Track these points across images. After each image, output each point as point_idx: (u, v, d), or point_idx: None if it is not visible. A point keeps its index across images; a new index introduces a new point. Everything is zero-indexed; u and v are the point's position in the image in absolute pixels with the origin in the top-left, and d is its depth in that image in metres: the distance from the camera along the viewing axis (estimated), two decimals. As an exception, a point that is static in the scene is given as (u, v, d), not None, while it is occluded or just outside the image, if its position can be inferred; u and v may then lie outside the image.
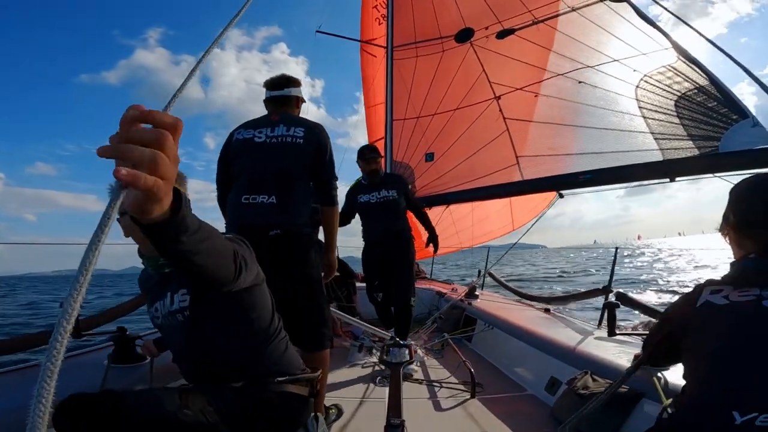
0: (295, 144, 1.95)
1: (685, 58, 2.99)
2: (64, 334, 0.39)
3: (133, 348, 1.72)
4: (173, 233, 0.69)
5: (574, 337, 2.34)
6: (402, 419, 1.57)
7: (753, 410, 0.78)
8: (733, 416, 0.79)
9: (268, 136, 1.96)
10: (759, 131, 2.54)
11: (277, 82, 2.12)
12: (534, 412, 2.00)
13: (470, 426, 1.89)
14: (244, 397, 1.19)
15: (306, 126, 2.00)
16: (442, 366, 2.74)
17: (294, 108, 2.15)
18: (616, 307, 2.08)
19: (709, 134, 2.76)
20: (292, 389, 1.29)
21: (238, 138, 1.99)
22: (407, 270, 3.15)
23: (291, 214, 1.87)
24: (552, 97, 3.77)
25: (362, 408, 2.08)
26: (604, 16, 3.48)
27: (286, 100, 2.12)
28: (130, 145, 0.47)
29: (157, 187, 0.50)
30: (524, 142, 3.99)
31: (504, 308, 3.32)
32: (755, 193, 0.98)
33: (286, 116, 2.04)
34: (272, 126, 1.98)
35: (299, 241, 1.87)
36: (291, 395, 1.28)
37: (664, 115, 3.04)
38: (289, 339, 1.38)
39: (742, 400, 0.80)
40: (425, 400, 2.20)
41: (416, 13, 4.88)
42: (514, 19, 4.05)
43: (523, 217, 5.69)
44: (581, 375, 1.83)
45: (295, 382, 1.31)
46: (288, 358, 1.34)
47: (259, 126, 2.00)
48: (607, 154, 3.30)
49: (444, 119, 4.63)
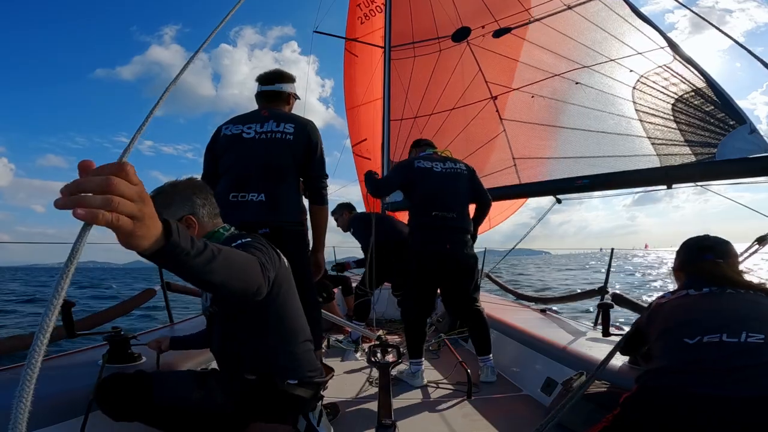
0: (285, 140, 1.92)
1: (681, 57, 2.98)
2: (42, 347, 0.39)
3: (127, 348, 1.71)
4: (171, 258, 0.74)
5: (570, 338, 2.35)
6: (393, 420, 1.57)
7: (697, 335, 1.18)
8: (685, 342, 1.19)
9: (258, 131, 1.93)
10: (756, 138, 2.52)
11: (269, 77, 2.10)
12: (530, 412, 2.01)
13: (466, 426, 1.89)
14: (254, 389, 1.31)
15: (296, 122, 1.98)
16: (438, 367, 2.74)
17: (285, 104, 2.12)
18: (610, 308, 2.09)
19: (706, 140, 2.74)
20: (299, 392, 1.37)
21: (226, 133, 1.97)
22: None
23: (279, 212, 1.86)
24: (549, 99, 3.78)
25: (357, 408, 2.07)
26: (600, 13, 3.47)
27: (277, 96, 2.10)
28: (81, 195, 0.52)
29: (120, 222, 0.55)
30: (521, 143, 4.00)
31: (500, 309, 3.32)
32: (685, 246, 1.56)
33: (275, 112, 2.01)
34: (262, 122, 1.96)
35: (288, 238, 1.85)
36: (295, 396, 1.36)
37: (661, 119, 3.03)
38: (309, 338, 1.49)
39: (688, 332, 1.21)
40: (421, 401, 2.19)
41: (414, 13, 4.88)
42: (511, 17, 4.05)
43: (498, 216, 5.69)
44: (577, 375, 1.83)
45: (304, 385, 1.39)
46: (302, 360, 1.42)
47: (248, 121, 1.97)
48: (605, 158, 3.30)
49: (441, 119, 4.63)
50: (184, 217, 1.33)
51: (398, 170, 2.67)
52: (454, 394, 2.26)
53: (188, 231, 1.12)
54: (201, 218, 1.36)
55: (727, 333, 1.15)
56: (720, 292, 1.32)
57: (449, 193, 2.52)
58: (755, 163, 2.49)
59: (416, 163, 2.56)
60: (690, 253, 1.53)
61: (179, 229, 0.74)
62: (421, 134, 4.56)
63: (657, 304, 1.45)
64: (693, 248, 1.53)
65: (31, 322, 8.82)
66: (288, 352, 1.39)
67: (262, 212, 1.83)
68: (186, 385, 1.31)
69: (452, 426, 1.89)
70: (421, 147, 2.79)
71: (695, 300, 1.34)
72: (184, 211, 1.34)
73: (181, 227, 0.75)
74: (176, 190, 1.37)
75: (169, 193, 1.36)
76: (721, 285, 1.34)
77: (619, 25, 3.36)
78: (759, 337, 1.13)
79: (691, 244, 1.56)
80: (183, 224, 1.24)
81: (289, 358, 1.39)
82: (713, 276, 1.38)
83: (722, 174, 2.65)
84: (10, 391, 0.43)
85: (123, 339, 1.69)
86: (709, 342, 1.16)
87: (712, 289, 1.34)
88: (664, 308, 1.40)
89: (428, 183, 2.51)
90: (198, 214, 1.35)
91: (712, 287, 1.34)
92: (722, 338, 1.15)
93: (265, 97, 2.09)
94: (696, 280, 1.40)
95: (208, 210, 1.39)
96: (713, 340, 1.15)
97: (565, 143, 3.60)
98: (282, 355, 1.38)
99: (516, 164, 3.99)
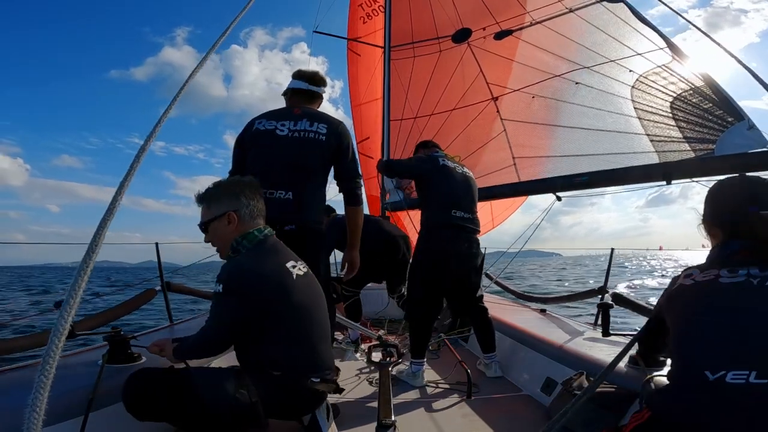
0: (318, 140, 1.94)
1: (680, 58, 2.99)
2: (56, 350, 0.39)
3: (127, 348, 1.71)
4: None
5: (570, 337, 2.35)
6: (393, 419, 1.57)
7: (721, 369, 0.93)
8: (706, 375, 0.95)
9: (291, 129, 1.94)
10: (754, 134, 2.54)
11: (315, 78, 2.12)
12: (530, 412, 2.01)
13: (466, 426, 1.89)
14: (282, 386, 1.40)
15: (329, 122, 1.99)
16: (439, 366, 2.75)
17: (316, 106, 2.15)
18: (609, 308, 2.09)
19: (704, 137, 2.77)
20: (321, 387, 1.46)
21: (259, 128, 1.97)
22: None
23: (306, 211, 1.89)
24: (549, 99, 3.78)
25: (357, 408, 2.08)
26: (602, 16, 3.49)
27: (316, 97, 2.13)
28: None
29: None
30: (521, 143, 4.00)
31: (500, 309, 3.32)
32: (721, 191, 1.20)
33: (309, 111, 2.03)
34: (295, 120, 1.97)
35: (312, 236, 1.89)
36: (317, 391, 1.46)
37: (659, 116, 3.04)
38: (329, 339, 1.62)
39: (710, 362, 0.96)
40: (421, 401, 2.20)
41: (413, 13, 4.88)
42: (512, 20, 4.05)
43: (502, 214, 5.71)
44: (577, 375, 1.84)
45: (324, 382, 1.48)
46: (322, 359, 1.51)
47: (281, 118, 1.98)
48: (604, 156, 3.31)
49: (441, 119, 4.63)
50: (227, 213, 1.48)
51: (422, 160, 2.67)
52: (454, 394, 2.27)
53: (229, 225, 1.48)
54: (242, 216, 1.50)
55: (757, 371, 0.91)
56: (760, 283, 0.99)
57: (467, 194, 2.59)
58: (753, 158, 2.51)
59: (441, 160, 2.60)
60: (730, 199, 1.16)
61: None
62: (421, 135, 4.56)
63: (681, 285, 1.13)
64: (732, 194, 1.17)
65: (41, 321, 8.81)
66: (307, 353, 1.47)
67: (289, 210, 1.85)
68: (225, 381, 1.35)
69: (452, 426, 1.90)
70: (431, 148, 2.82)
71: (725, 296, 1.02)
72: (227, 207, 1.50)
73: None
74: (221, 190, 1.54)
75: (216, 191, 1.54)
76: (765, 265, 1.02)
77: (620, 27, 3.37)
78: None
79: (728, 186, 1.19)
80: (225, 219, 1.48)
81: (310, 357, 1.47)
82: (758, 244, 1.05)
83: (721, 169, 2.66)
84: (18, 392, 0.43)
85: (123, 339, 1.69)
86: (733, 384, 0.92)
87: (750, 272, 1.01)
88: (685, 294, 1.10)
89: (450, 182, 2.55)
90: (240, 212, 1.50)
91: (750, 269, 1.02)
92: (749, 380, 0.91)
93: (306, 96, 2.11)
94: (733, 250, 1.08)
95: (251, 210, 1.52)
96: (738, 381, 0.91)
97: (564, 142, 3.61)
98: (303, 355, 1.46)
99: (516, 163, 4.00)
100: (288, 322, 1.42)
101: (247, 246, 1.48)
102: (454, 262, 2.49)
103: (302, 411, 1.50)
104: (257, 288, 1.38)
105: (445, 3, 4.58)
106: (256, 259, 1.44)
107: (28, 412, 0.38)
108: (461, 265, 2.52)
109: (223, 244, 1.52)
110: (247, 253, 1.47)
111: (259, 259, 1.45)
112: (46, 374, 0.40)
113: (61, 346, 0.41)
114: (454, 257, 2.48)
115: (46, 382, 0.40)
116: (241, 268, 1.41)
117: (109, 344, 1.67)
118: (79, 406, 1.29)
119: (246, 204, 1.51)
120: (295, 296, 1.43)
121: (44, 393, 0.39)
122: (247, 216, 1.51)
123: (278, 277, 1.42)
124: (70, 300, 0.41)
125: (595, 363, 1.88)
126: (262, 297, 1.38)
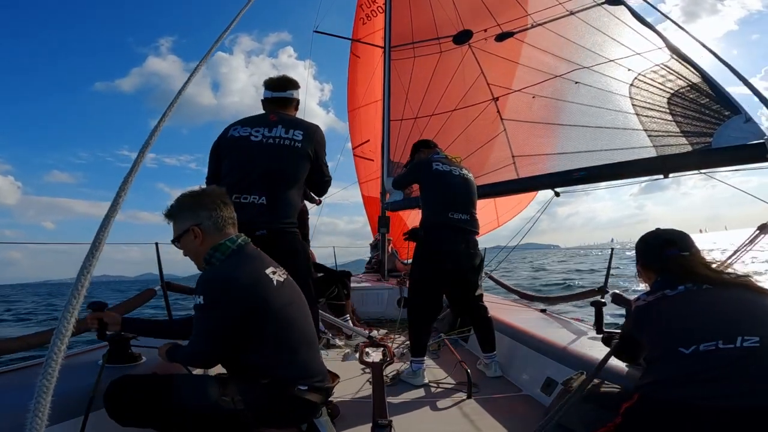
0: (293, 147, 1.95)
1: (678, 56, 3.02)
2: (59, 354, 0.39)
3: (127, 348, 1.72)
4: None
5: (570, 337, 2.35)
6: (389, 419, 1.57)
7: (693, 344, 1.13)
8: (681, 351, 1.15)
9: (265, 136, 1.95)
10: (751, 127, 2.56)
11: (280, 84, 2.12)
12: (530, 412, 2.01)
13: (466, 426, 1.89)
14: (269, 394, 1.37)
15: (304, 128, 2.00)
16: (438, 366, 2.75)
17: (292, 110, 2.15)
18: (602, 306, 2.12)
19: (702, 131, 2.79)
20: (309, 396, 1.43)
21: (234, 134, 1.98)
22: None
23: (278, 215, 1.89)
24: (549, 98, 3.79)
25: (357, 408, 2.07)
26: (602, 18, 3.51)
27: (287, 102, 2.13)
28: None
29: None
30: (521, 142, 4.01)
31: (500, 309, 3.32)
32: (645, 243, 1.53)
33: (284, 117, 2.03)
34: (270, 126, 1.97)
35: (284, 239, 1.89)
36: (307, 401, 1.43)
37: (657, 112, 3.07)
38: (316, 345, 1.58)
39: (683, 342, 1.16)
40: (421, 401, 2.20)
41: (414, 14, 4.88)
42: (513, 22, 4.06)
43: (507, 213, 5.72)
44: (577, 375, 1.83)
45: (313, 390, 1.45)
46: (309, 365, 1.48)
47: (256, 125, 1.99)
48: (602, 152, 3.33)
49: (442, 120, 4.63)
50: (190, 228, 1.45)
51: (414, 169, 2.81)
52: (454, 393, 2.27)
53: (195, 240, 1.45)
54: (206, 228, 1.46)
55: (722, 339, 1.11)
56: (697, 290, 1.28)
57: (464, 196, 2.61)
58: (751, 150, 2.53)
59: (434, 165, 2.63)
60: (653, 248, 1.47)
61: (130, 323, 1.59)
62: (422, 135, 4.56)
63: (636, 307, 1.39)
64: (654, 243, 1.48)
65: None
66: (292, 360, 1.44)
67: (261, 214, 1.85)
68: (207, 387, 1.34)
69: (452, 425, 1.90)
70: (432, 149, 2.87)
71: (675, 302, 1.29)
72: (189, 222, 1.46)
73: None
74: (182, 205, 1.49)
75: (177, 206, 1.50)
76: (694, 281, 1.29)
77: (620, 28, 3.40)
78: (754, 341, 1.09)
79: (650, 239, 1.51)
80: (190, 234, 1.45)
81: (295, 365, 1.44)
82: (684, 271, 1.33)
83: (718, 161, 2.69)
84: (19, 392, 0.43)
85: (123, 339, 1.69)
86: (706, 351, 1.12)
87: (687, 287, 1.29)
88: (647, 312, 1.35)
89: (445, 184, 2.58)
90: (203, 225, 1.46)
91: (686, 284, 1.30)
92: (718, 345, 1.11)
93: (276, 103, 2.12)
94: (667, 279, 1.36)
95: (215, 222, 1.47)
96: (709, 348, 1.12)
97: (563, 140, 3.63)
98: (288, 363, 1.43)
99: (515, 162, 4.00)
100: (271, 330, 1.40)
101: (221, 258, 1.44)
102: (452, 262, 2.52)
103: (296, 420, 1.47)
104: (237, 296, 1.36)
105: (445, 3, 4.59)
106: (233, 268, 1.41)
107: (31, 416, 0.38)
108: (459, 264, 2.55)
109: (195, 258, 1.51)
110: (223, 262, 1.44)
111: (237, 267, 1.42)
112: (49, 378, 0.40)
113: (64, 349, 0.41)
114: (452, 257, 2.51)
115: (49, 386, 0.40)
116: (219, 277, 1.39)
117: (109, 344, 1.67)
118: (79, 406, 1.29)
119: (208, 216, 1.46)
120: (276, 303, 1.41)
121: (47, 397, 0.39)
122: (212, 228, 1.46)
123: (258, 284, 1.40)
124: (72, 301, 0.41)
125: (596, 363, 1.87)
126: (244, 305, 1.36)
